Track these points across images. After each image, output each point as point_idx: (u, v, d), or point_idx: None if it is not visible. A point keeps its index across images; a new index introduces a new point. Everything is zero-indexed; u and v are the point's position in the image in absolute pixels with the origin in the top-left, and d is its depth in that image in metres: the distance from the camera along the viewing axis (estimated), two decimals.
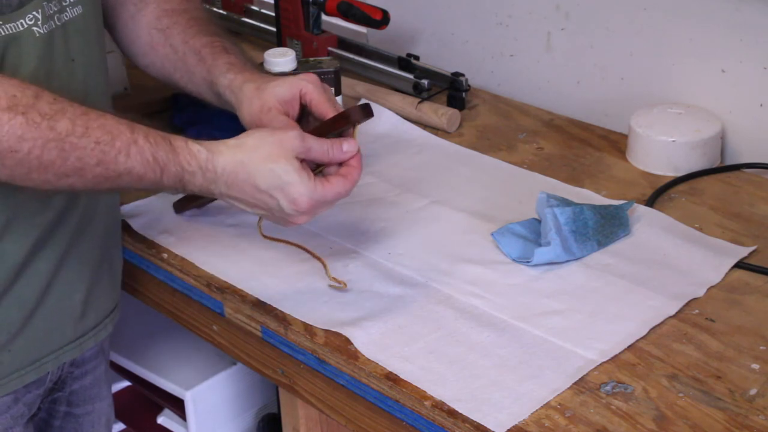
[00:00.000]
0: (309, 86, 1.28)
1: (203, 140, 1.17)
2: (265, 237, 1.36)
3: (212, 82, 1.34)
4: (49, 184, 1.10)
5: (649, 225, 1.41)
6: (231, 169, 1.16)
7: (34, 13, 1.15)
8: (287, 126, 1.25)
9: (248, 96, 1.29)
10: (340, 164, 1.21)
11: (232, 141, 1.18)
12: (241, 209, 1.21)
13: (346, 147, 1.20)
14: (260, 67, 1.39)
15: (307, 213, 1.18)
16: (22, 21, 1.14)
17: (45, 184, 1.10)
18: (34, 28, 1.15)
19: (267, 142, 1.17)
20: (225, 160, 1.16)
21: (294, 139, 1.17)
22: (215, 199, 1.31)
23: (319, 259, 1.34)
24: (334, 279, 1.31)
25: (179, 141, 1.16)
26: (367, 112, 1.22)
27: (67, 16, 1.20)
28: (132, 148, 1.11)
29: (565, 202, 1.36)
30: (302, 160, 1.17)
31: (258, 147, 1.16)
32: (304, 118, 1.30)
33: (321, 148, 1.19)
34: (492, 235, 1.37)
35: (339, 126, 1.23)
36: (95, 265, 1.33)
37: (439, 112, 1.71)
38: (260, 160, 1.16)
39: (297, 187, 1.15)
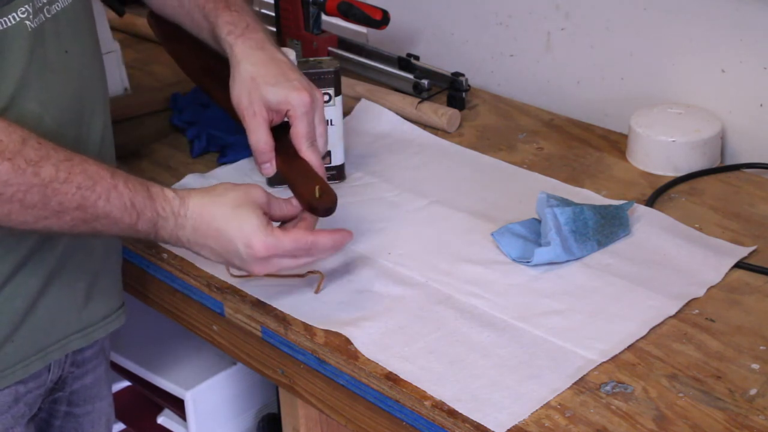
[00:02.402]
0: (296, 111, 1.29)
1: (178, 190, 1.21)
2: (235, 276, 1.34)
3: (217, 41, 1.36)
4: (26, 225, 1.12)
5: (649, 225, 1.41)
6: (198, 211, 1.19)
7: (26, 6, 1.15)
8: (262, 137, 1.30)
9: (241, 79, 1.31)
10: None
11: (201, 189, 1.22)
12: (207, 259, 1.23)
13: (294, 202, 1.26)
14: (257, 17, 1.38)
15: (263, 261, 1.20)
16: (14, 14, 1.14)
17: (23, 225, 1.12)
18: (27, 22, 1.15)
19: (233, 191, 1.21)
20: (194, 203, 1.19)
21: (258, 190, 1.22)
22: None
23: (292, 276, 1.32)
24: (310, 272, 1.31)
25: (155, 188, 1.18)
26: (327, 212, 1.26)
27: (57, 8, 1.20)
28: (112, 193, 1.14)
29: (565, 202, 1.36)
30: (265, 214, 1.21)
31: (224, 194, 1.21)
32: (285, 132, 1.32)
33: (278, 203, 1.24)
34: (492, 235, 1.37)
35: (299, 192, 1.28)
36: (99, 253, 1.33)
37: (439, 112, 1.71)
38: (225, 205, 1.19)
39: (255, 233, 1.18)
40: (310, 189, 1.26)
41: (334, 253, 1.28)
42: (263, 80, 1.30)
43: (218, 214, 1.19)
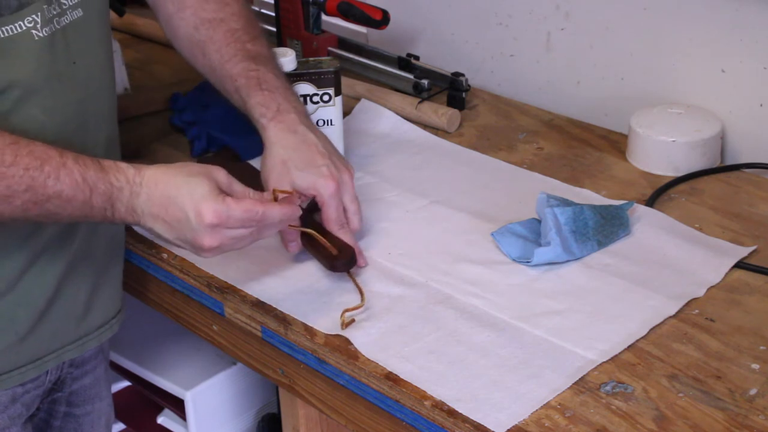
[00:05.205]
0: (323, 198, 1.31)
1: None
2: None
3: (247, 115, 1.38)
4: None
5: (649, 225, 1.41)
6: (153, 180, 1.17)
7: (33, 16, 1.16)
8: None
9: (272, 161, 1.33)
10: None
11: (163, 164, 1.21)
12: (162, 239, 1.21)
13: (256, 193, 1.24)
14: (290, 90, 1.40)
15: (212, 230, 1.17)
16: (20, 23, 1.15)
17: None
18: (33, 31, 1.16)
19: (194, 165, 1.21)
20: (150, 172, 1.18)
21: (221, 172, 1.21)
22: None
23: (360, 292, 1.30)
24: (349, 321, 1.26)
25: (108, 162, 1.17)
26: (347, 265, 1.30)
27: (67, 19, 1.21)
28: (61, 171, 1.12)
29: (565, 202, 1.36)
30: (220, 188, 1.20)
31: (183, 167, 1.20)
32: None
33: (241, 187, 1.22)
34: (492, 235, 1.37)
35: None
36: (100, 266, 1.33)
37: (439, 112, 1.71)
38: (179, 174, 1.18)
39: (205, 199, 1.16)
40: (328, 246, 1.30)
41: (281, 228, 1.26)
42: (293, 164, 1.32)
43: (171, 182, 1.17)
